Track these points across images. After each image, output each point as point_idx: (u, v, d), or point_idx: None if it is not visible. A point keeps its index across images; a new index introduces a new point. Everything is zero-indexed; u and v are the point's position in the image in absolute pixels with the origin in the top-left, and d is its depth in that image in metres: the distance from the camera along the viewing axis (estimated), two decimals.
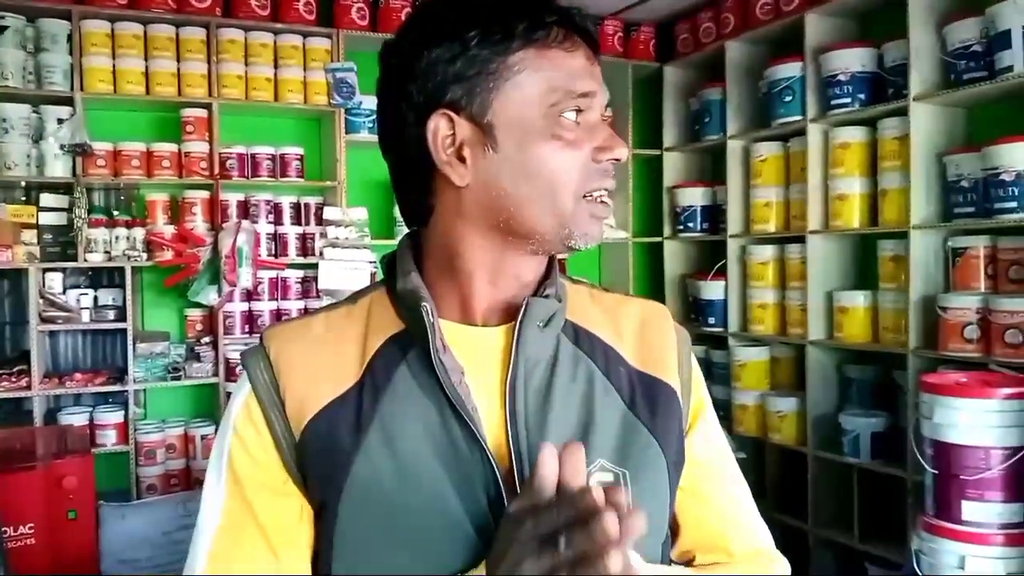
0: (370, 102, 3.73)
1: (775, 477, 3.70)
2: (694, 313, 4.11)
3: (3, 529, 1.34)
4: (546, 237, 0.81)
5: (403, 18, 3.65)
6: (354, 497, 0.77)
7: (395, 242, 3.33)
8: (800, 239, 3.46)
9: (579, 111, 0.79)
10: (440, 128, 0.78)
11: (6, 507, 2.35)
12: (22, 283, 3.32)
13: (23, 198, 3.35)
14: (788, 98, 3.44)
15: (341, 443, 0.78)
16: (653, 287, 4.44)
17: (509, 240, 0.82)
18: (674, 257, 4.31)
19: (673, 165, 4.30)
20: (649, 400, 0.87)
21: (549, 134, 0.78)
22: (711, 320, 3.95)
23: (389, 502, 0.77)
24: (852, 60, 3.19)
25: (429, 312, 0.79)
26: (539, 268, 0.86)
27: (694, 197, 4.13)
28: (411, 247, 0.87)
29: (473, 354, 0.82)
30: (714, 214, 4.07)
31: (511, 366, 0.81)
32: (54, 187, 3.33)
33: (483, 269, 0.83)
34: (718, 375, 3.93)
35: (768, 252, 3.66)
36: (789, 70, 3.44)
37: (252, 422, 0.82)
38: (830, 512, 3.34)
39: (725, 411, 3.79)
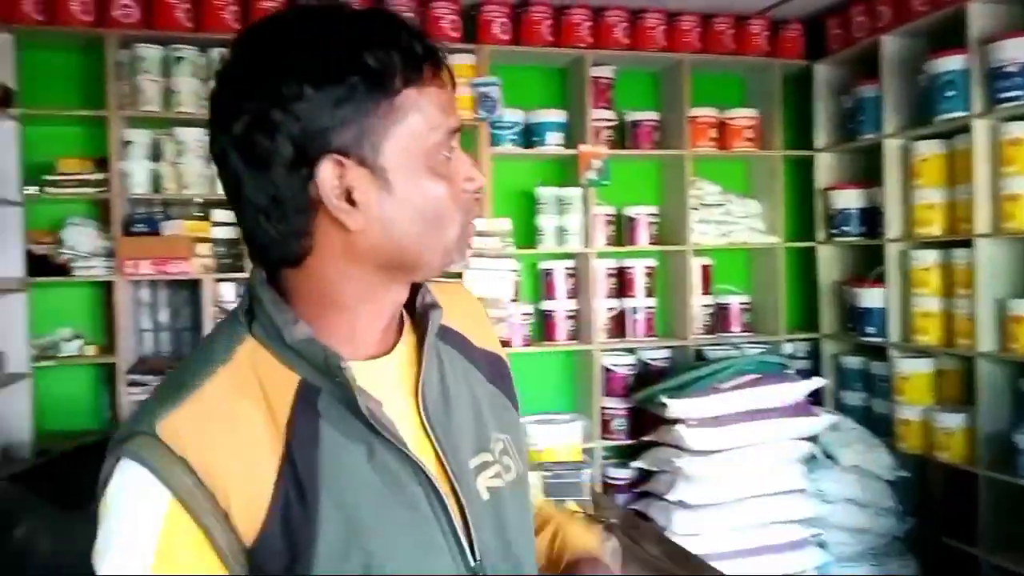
0: (513, 115, 3.81)
1: (941, 498, 3.47)
2: (851, 322, 3.91)
3: None
4: (432, 267, 0.84)
5: (543, 30, 3.70)
6: (328, 565, 0.75)
7: (537, 251, 3.40)
8: (967, 243, 3.22)
9: (449, 145, 0.81)
10: (328, 174, 0.76)
11: None
12: (198, 293, 3.62)
13: (199, 215, 3.65)
14: (951, 93, 3.22)
15: (297, 529, 0.75)
16: (806, 294, 4.26)
17: (395, 274, 0.83)
18: (828, 263, 4.12)
19: (826, 166, 4.12)
20: (498, 373, 0.99)
21: (435, 172, 0.80)
22: (870, 329, 3.74)
23: (360, 551, 0.77)
24: (1022, 50, 2.95)
25: (343, 362, 0.78)
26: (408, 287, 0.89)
27: (849, 199, 3.93)
28: (274, 292, 0.82)
29: (379, 386, 0.82)
30: (871, 217, 3.86)
31: (420, 386, 0.86)
32: (225, 203, 3.59)
33: (367, 304, 0.83)
34: (878, 388, 3.73)
35: (931, 257, 3.43)
36: (951, 63, 3.21)
37: (186, 542, 0.73)
38: (1004, 537, 3.09)
39: (886, 426, 3.59)
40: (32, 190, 3.37)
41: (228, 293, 3.63)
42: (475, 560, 0.84)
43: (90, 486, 1.37)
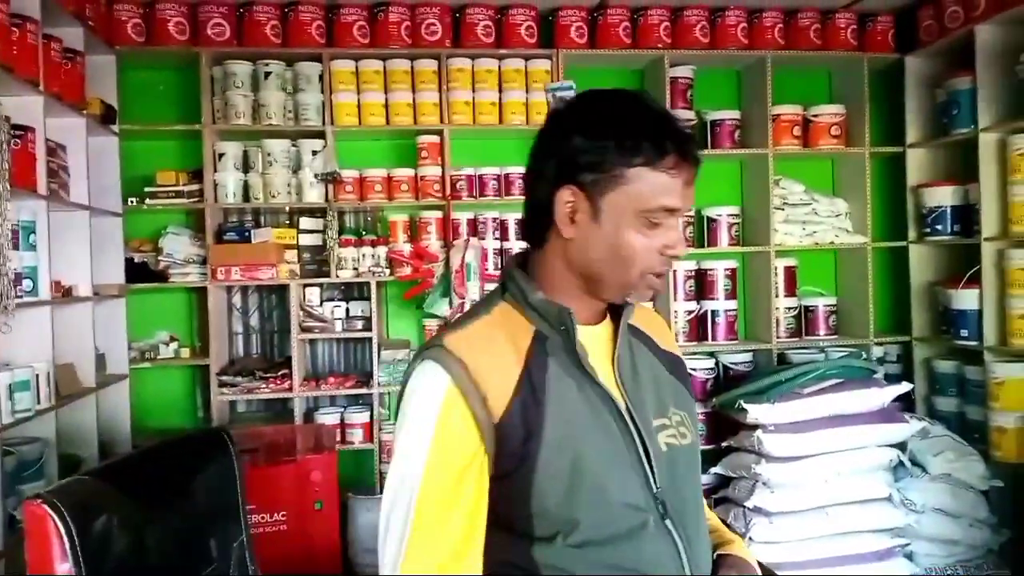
0: None
1: None
2: (944, 324, 3.76)
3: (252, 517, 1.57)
4: (611, 292, 1.17)
5: (620, 33, 3.69)
6: (549, 451, 1.08)
7: None
8: None
9: (663, 218, 1.11)
10: (565, 196, 1.12)
11: (264, 497, 2.68)
12: (286, 297, 3.77)
13: (287, 222, 3.80)
14: None
15: (531, 418, 1.09)
16: (897, 295, 4.12)
17: (589, 284, 1.17)
18: (920, 263, 3.97)
19: (917, 162, 3.96)
20: (677, 370, 1.30)
21: (637, 226, 1.11)
22: (964, 332, 3.59)
23: (572, 448, 1.09)
24: None
25: (573, 317, 1.14)
26: None
27: (943, 197, 3.78)
28: (523, 271, 1.20)
29: (588, 345, 1.16)
30: (966, 215, 3.70)
31: (617, 349, 1.19)
32: (311, 211, 3.74)
33: (577, 292, 1.18)
34: (972, 393, 3.57)
35: None
36: None
37: (457, 409, 1.07)
38: None
39: (980, 433, 3.44)
40: (132, 201, 3.58)
41: (314, 297, 3.76)
42: (656, 487, 1.13)
43: (171, 481, 1.47)
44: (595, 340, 1.18)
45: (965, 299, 3.59)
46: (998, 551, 3.25)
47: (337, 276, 3.68)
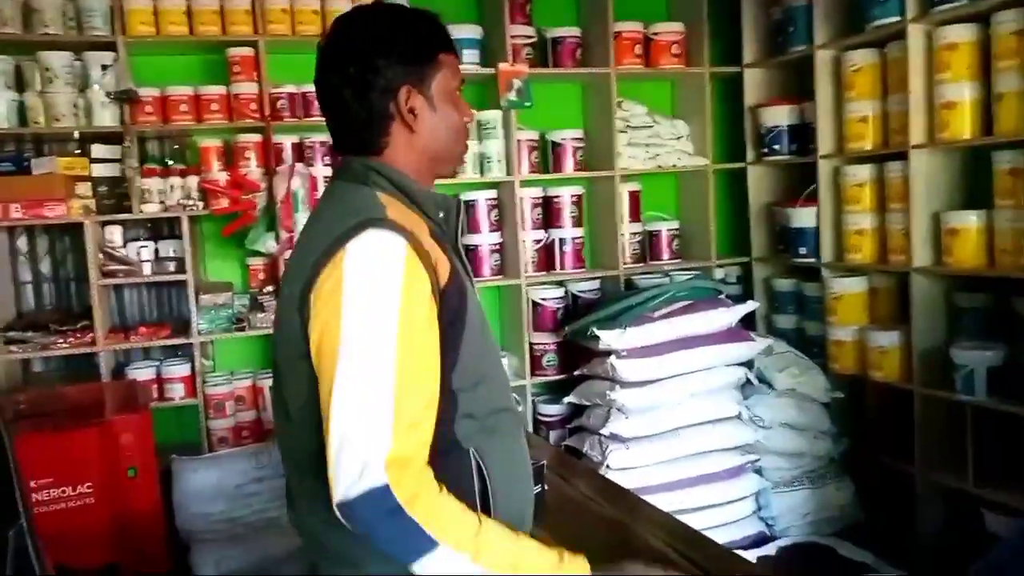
0: None
1: (876, 417, 3.42)
2: (783, 244, 3.80)
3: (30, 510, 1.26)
4: (446, 168, 1.41)
5: None
6: (472, 315, 1.27)
7: (457, 181, 3.11)
8: (902, 155, 3.11)
9: (460, 91, 1.37)
10: (405, 96, 1.29)
11: (64, 468, 2.29)
12: (82, 238, 3.26)
13: (77, 151, 3.27)
14: None
15: (467, 290, 1.28)
16: (736, 217, 4.13)
17: (433, 165, 1.37)
18: (759, 183, 3.98)
19: (755, 82, 3.94)
20: None
21: (453, 104, 1.35)
22: (802, 250, 3.63)
23: (481, 313, 1.32)
24: None
25: (460, 203, 1.40)
26: None
27: (779, 116, 3.77)
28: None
29: None
30: (802, 134, 3.72)
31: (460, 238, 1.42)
32: (105, 138, 3.24)
33: (425, 178, 1.37)
34: (811, 309, 3.64)
35: (865, 172, 3.31)
36: None
37: (420, 268, 1.17)
38: (940, 455, 3.05)
39: (820, 347, 3.51)
40: None
41: (116, 237, 3.28)
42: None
43: None
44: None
45: (803, 217, 3.63)
46: (840, 460, 3.35)
47: (141, 211, 3.22)
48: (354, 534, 1.12)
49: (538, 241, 3.76)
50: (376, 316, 1.12)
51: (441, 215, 1.33)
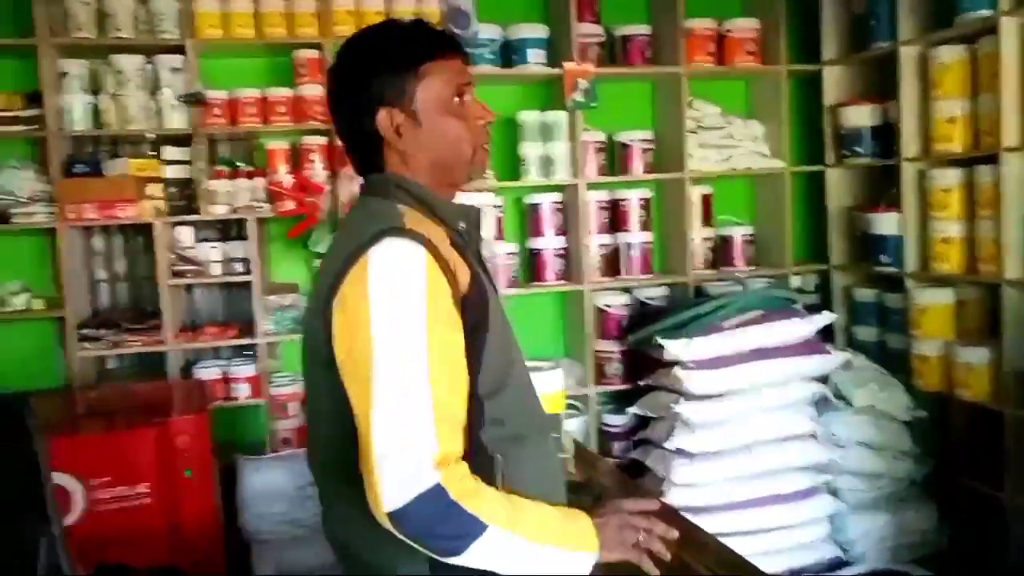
0: (489, 31, 3.46)
1: (963, 438, 3.22)
2: (864, 251, 3.61)
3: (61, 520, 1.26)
4: (456, 174, 1.33)
5: None
6: (495, 322, 1.25)
7: (521, 183, 3.16)
8: (992, 159, 2.91)
9: (462, 95, 1.30)
10: (385, 118, 1.27)
11: (122, 467, 2.32)
12: (154, 239, 3.31)
13: (151, 152, 3.32)
14: None
15: (489, 295, 1.26)
16: (814, 222, 3.96)
17: (441, 175, 1.32)
18: (838, 187, 3.80)
19: (834, 81, 3.76)
20: None
21: (451, 111, 1.29)
22: (884, 259, 3.44)
23: (504, 321, 1.30)
24: None
25: (480, 213, 1.38)
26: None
27: (861, 116, 3.58)
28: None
29: None
30: (885, 135, 3.52)
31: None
32: (176, 140, 3.28)
33: (439, 187, 1.34)
34: (893, 321, 3.45)
35: (953, 176, 3.11)
36: None
37: (441, 275, 1.17)
38: None
39: (902, 363, 3.32)
40: None
41: (186, 237, 3.33)
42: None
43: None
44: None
45: (885, 223, 3.44)
46: (922, 482, 3.16)
47: (209, 213, 3.26)
48: (382, 539, 1.14)
49: (604, 245, 3.67)
50: (404, 321, 1.13)
51: (462, 225, 1.31)
